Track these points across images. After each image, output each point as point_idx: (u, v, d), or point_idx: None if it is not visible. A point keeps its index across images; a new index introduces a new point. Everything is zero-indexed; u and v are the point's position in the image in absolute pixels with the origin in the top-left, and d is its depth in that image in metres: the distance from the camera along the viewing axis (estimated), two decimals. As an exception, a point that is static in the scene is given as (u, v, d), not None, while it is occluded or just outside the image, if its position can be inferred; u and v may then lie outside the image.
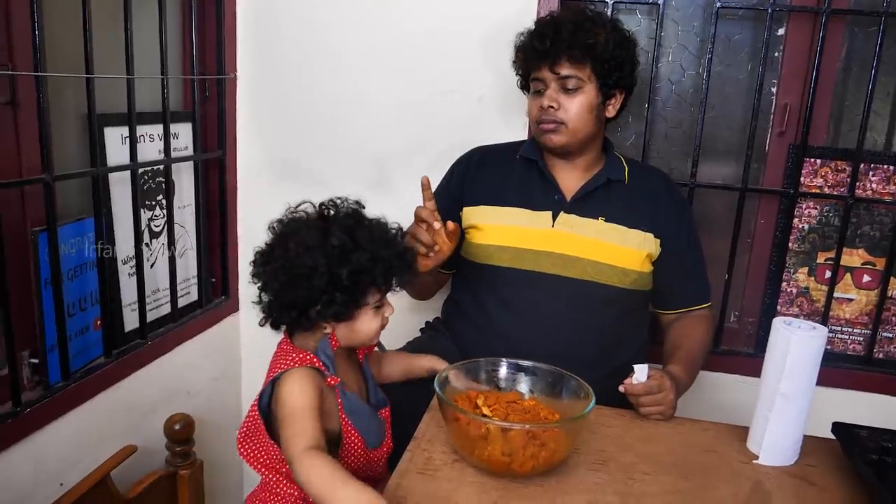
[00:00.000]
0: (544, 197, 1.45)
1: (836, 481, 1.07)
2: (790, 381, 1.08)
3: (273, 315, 1.06)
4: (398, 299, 1.20)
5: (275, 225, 1.07)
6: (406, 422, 1.18)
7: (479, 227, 1.47)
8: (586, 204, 1.43)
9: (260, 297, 1.06)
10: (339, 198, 1.09)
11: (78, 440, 1.38)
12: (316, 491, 0.89)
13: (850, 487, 1.05)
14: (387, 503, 0.85)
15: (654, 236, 1.43)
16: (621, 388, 1.22)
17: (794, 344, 1.06)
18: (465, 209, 1.50)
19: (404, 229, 1.14)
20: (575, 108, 1.37)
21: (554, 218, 1.43)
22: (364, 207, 1.10)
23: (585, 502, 0.97)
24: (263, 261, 1.05)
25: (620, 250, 1.41)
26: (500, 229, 1.45)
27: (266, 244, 1.06)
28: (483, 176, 1.52)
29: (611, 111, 1.43)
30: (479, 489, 0.99)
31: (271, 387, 1.04)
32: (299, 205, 1.09)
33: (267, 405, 1.05)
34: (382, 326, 1.11)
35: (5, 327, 1.21)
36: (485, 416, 1.06)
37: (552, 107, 1.37)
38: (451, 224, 1.31)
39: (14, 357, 1.23)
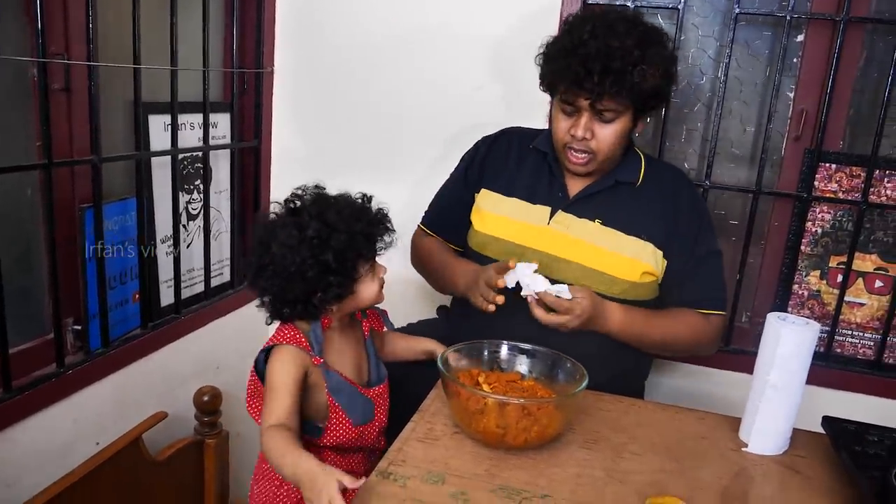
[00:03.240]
0: (548, 191, 1.42)
1: (823, 471, 1.11)
2: (779, 372, 1.12)
3: (281, 312, 1.13)
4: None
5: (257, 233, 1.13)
6: (405, 402, 1.22)
7: (479, 212, 1.46)
8: (586, 204, 1.39)
9: (262, 300, 1.13)
10: (299, 188, 1.14)
11: (114, 403, 1.48)
12: (271, 459, 1.00)
13: (836, 477, 1.09)
14: (333, 471, 0.90)
15: (656, 247, 1.36)
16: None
17: (784, 337, 1.11)
18: (479, 193, 1.49)
19: (370, 196, 1.16)
20: (609, 137, 1.31)
21: (552, 214, 1.39)
22: (325, 189, 1.14)
23: (572, 475, 1.03)
24: (256, 271, 1.10)
25: (612, 256, 1.35)
26: (497, 219, 1.43)
27: (254, 255, 1.11)
28: (499, 159, 1.49)
29: (640, 128, 1.38)
30: (474, 457, 1.06)
31: (266, 354, 1.13)
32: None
33: (263, 370, 1.14)
34: (381, 285, 1.16)
35: (53, 295, 1.33)
36: (482, 391, 1.12)
37: (585, 137, 1.31)
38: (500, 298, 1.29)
39: (59, 323, 1.34)
